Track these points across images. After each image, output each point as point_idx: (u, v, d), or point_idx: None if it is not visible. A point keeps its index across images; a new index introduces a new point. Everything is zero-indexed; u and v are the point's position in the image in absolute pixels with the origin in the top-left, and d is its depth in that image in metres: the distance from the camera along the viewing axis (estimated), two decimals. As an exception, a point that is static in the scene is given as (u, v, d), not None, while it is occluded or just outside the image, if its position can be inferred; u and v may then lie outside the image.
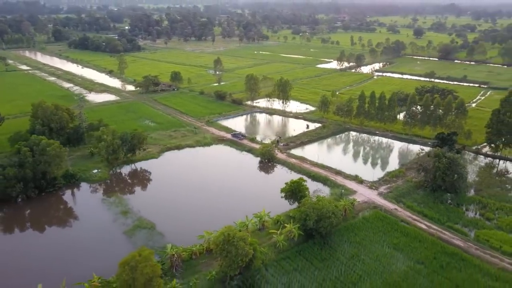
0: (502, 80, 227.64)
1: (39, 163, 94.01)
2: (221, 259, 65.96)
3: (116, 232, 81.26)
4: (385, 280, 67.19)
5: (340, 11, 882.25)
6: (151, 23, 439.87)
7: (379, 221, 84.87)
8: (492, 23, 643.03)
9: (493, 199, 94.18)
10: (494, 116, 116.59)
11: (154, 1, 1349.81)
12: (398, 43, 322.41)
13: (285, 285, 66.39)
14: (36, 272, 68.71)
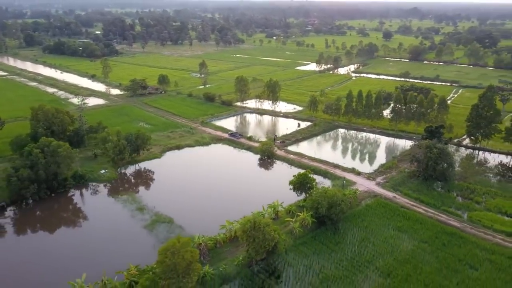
0: (471, 79, 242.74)
1: (51, 164, 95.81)
2: (247, 245, 70.91)
3: (136, 227, 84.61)
4: (396, 258, 74.05)
5: (309, 15, 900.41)
6: (125, 28, 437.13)
7: (381, 208, 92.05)
8: (454, 26, 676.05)
9: (479, 185, 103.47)
10: (473, 111, 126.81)
11: (121, 5, 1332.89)
12: (371, 46, 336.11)
13: (306, 266, 71.98)
14: (75, 263, 71.56)
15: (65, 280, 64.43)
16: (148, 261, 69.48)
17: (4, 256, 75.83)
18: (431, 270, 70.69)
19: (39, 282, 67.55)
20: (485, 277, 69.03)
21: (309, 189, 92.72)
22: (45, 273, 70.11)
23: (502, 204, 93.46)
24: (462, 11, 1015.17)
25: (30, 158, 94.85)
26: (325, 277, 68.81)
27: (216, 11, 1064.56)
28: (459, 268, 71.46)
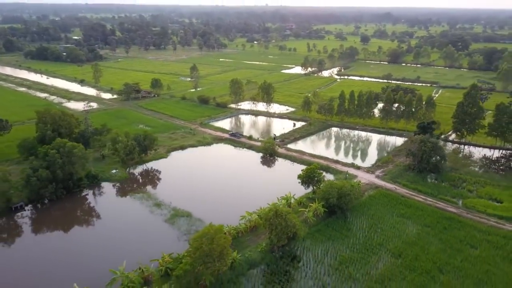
0: (448, 79, 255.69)
1: (67, 164, 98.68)
2: (269, 232, 76.42)
3: (158, 221, 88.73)
4: (404, 240, 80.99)
5: (286, 20, 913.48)
6: (106, 33, 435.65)
7: (384, 198, 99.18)
8: (426, 30, 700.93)
9: (469, 176, 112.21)
10: (459, 108, 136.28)
11: (95, 11, 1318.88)
12: (352, 49, 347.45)
13: (323, 251, 77.95)
14: (107, 254, 75.32)
15: (103, 268, 68.32)
16: (176, 250, 74.26)
17: (42, 251, 78.62)
18: (436, 250, 77.85)
19: (80, 271, 70.77)
20: (485, 255, 76.62)
21: (317, 182, 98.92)
22: (85, 262, 73.57)
23: (491, 192, 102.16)
24: (432, 16, 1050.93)
25: (47, 159, 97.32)
26: (342, 259, 74.86)
27: (192, 16, 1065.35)
28: (461, 247, 78.89)
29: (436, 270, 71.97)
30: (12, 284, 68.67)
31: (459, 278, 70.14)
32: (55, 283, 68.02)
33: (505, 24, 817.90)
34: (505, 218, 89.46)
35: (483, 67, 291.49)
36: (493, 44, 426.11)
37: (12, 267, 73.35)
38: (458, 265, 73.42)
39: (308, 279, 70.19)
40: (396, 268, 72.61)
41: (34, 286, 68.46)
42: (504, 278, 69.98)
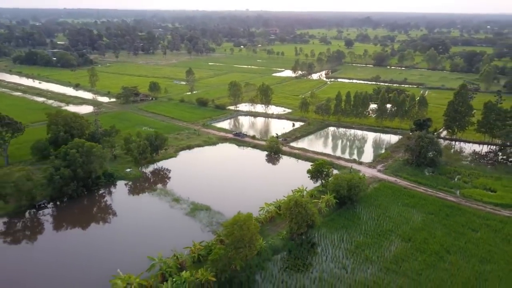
0: (433, 81, 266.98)
1: (86, 163, 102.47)
2: (289, 220, 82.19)
3: (179, 215, 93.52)
4: (411, 226, 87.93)
5: (269, 24, 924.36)
6: (93, 38, 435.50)
7: (388, 190, 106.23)
8: (406, 34, 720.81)
9: (463, 169, 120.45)
10: (450, 106, 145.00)
11: (74, 16, 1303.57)
12: (339, 53, 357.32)
13: (339, 237, 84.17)
14: (139, 244, 79.77)
15: (139, 256, 73.00)
16: (202, 239, 79.24)
17: (82, 242, 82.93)
18: (442, 234, 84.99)
19: (120, 259, 74.97)
20: (486, 237, 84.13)
21: (326, 176, 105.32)
22: (122, 251, 77.93)
23: (485, 182, 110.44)
24: (410, 20, 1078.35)
25: (67, 158, 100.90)
26: (357, 244, 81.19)
27: (174, 21, 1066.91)
28: (463, 231, 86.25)
29: (443, 251, 78.95)
30: (60, 272, 72.54)
31: (465, 258, 77.22)
32: (100, 270, 72.09)
33: (479, 28, 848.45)
34: (500, 205, 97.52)
35: (465, 69, 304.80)
36: (471, 47, 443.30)
37: (57, 258, 77.23)
38: (463, 246, 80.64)
39: (328, 262, 76.20)
40: (408, 251, 79.32)
41: (83, 271, 72.55)
42: (505, 256, 77.41)
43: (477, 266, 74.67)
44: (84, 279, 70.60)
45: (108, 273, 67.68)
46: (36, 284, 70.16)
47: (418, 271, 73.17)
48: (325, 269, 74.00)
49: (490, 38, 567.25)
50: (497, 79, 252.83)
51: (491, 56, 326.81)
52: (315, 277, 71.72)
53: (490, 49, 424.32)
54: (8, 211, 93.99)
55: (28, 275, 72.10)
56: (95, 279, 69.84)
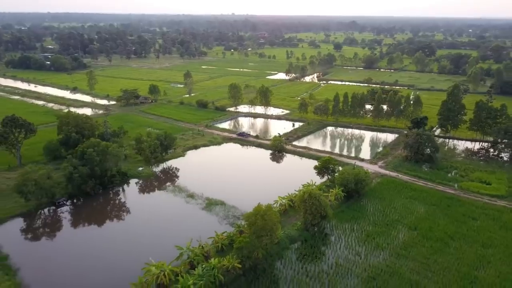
0: (422, 83, 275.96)
1: (102, 162, 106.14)
2: (304, 212, 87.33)
3: (196, 209, 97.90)
4: (416, 216, 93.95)
5: (256, 28, 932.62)
6: (85, 42, 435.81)
7: (391, 184, 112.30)
8: (392, 38, 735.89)
9: (458, 164, 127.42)
10: (443, 106, 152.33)
11: (59, 20, 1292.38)
12: (330, 56, 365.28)
13: (350, 227, 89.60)
14: (164, 236, 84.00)
15: (167, 246, 77.38)
16: (221, 231, 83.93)
17: (111, 236, 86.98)
18: (445, 223, 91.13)
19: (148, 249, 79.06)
20: (485, 225, 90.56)
21: (332, 171, 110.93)
22: (148, 242, 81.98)
23: (480, 176, 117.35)
24: (395, 24, 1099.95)
25: (85, 157, 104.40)
26: (368, 234, 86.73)
27: (162, 25, 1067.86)
28: (464, 220, 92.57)
29: (448, 238, 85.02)
30: (93, 262, 76.27)
31: (467, 243, 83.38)
32: (133, 258, 76.31)
33: (462, 32, 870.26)
34: (496, 196, 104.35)
35: (452, 71, 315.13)
36: (456, 50, 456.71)
37: (88, 250, 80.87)
38: (465, 233, 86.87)
39: (343, 249, 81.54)
40: (415, 238, 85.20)
41: (115, 261, 76.74)
42: (504, 241, 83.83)
43: (480, 250, 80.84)
44: (116, 268, 74.65)
45: (138, 262, 71.91)
46: (71, 274, 73.73)
47: (426, 255, 78.97)
48: (340, 256, 79.27)
49: (474, 41, 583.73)
50: (484, 80, 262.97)
51: (476, 59, 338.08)
52: (331, 263, 76.91)
53: (475, 52, 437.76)
54: (30, 209, 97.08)
55: (62, 268, 75.75)
56: (127, 268, 73.86)
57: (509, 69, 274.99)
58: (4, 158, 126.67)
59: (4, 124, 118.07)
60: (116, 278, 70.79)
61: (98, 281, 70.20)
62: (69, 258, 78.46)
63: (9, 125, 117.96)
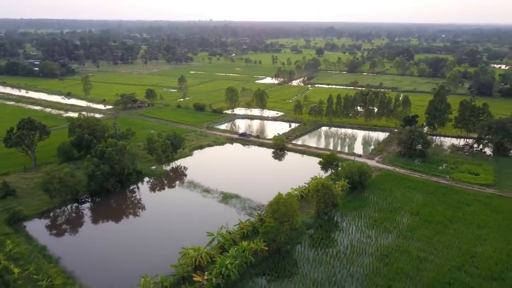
0: (404, 85, 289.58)
1: (121, 160, 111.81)
2: (317, 201, 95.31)
3: (214, 202, 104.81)
4: (416, 204, 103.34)
5: (237, 34, 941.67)
6: (70, 48, 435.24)
7: (389, 176, 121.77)
8: (370, 43, 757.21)
9: (447, 158, 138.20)
10: (431, 105, 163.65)
11: (35, 26, 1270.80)
12: (315, 61, 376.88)
13: (358, 214, 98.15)
14: (191, 225, 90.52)
15: (196, 233, 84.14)
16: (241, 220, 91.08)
17: (142, 226, 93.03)
18: (442, 208, 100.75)
19: (178, 237, 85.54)
20: (478, 209, 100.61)
21: (336, 166, 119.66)
22: (177, 231, 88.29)
23: (469, 168, 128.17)
24: (371, 30, 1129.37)
25: (105, 156, 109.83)
26: (374, 219, 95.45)
27: (141, 31, 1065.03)
28: (459, 205, 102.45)
29: (447, 221, 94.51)
30: (130, 249, 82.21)
31: (464, 225, 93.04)
32: (169, 245, 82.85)
33: (435, 37, 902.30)
34: (485, 185, 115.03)
35: (431, 74, 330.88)
36: (432, 54, 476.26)
37: (125, 239, 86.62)
38: (461, 217, 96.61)
39: (355, 233, 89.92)
40: (418, 222, 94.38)
41: (151, 247, 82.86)
42: (496, 223, 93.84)
43: (476, 231, 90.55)
44: (154, 254, 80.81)
45: (173, 248, 78.62)
46: (112, 261, 79.59)
47: (429, 236, 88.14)
48: (353, 238, 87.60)
49: (448, 46, 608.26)
50: (462, 82, 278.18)
51: (453, 62, 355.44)
52: (346, 245, 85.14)
53: (450, 56, 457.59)
54: (55, 205, 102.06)
55: (101, 256, 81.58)
56: (162, 254, 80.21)
57: (484, 71, 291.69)
58: (18, 160, 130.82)
59: (21, 126, 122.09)
60: (156, 262, 76.88)
61: (139, 265, 76.14)
62: (106, 247, 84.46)
63: (26, 128, 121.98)
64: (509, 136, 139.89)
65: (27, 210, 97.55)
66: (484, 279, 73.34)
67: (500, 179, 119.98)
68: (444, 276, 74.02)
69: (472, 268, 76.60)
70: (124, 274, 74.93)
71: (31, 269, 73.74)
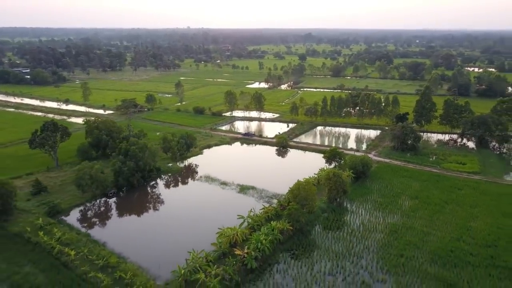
0: (388, 88, 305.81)
1: (143, 158, 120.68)
2: (328, 188, 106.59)
3: (233, 193, 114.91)
4: (414, 189, 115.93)
5: (218, 41, 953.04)
6: (57, 56, 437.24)
7: (387, 168, 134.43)
8: (349, 49, 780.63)
9: (436, 151, 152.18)
10: (418, 104, 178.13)
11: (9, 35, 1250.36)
12: (301, 66, 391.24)
13: (364, 200, 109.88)
14: (219, 211, 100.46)
15: (229, 215, 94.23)
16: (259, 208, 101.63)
17: (178, 213, 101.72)
18: (438, 193, 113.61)
19: (212, 220, 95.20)
20: (468, 192, 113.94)
21: (340, 159, 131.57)
22: (210, 215, 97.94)
23: (456, 159, 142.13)
24: (349, 36, 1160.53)
25: (129, 154, 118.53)
26: (379, 203, 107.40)
27: (122, 39, 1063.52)
28: (452, 190, 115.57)
29: (443, 203, 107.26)
30: (173, 231, 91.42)
31: (459, 206, 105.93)
32: (203, 227, 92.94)
33: (410, 42, 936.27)
34: (472, 173, 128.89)
35: (411, 77, 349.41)
36: (409, 59, 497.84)
37: (162, 225, 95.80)
38: (455, 199, 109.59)
39: (364, 215, 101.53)
40: (417, 204, 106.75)
41: (190, 229, 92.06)
42: (485, 203, 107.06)
43: (468, 210, 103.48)
44: (192, 235, 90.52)
45: (207, 230, 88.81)
46: (154, 243, 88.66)
47: (430, 215, 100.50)
48: (363, 219, 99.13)
49: (424, 51, 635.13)
50: (441, 84, 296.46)
51: (431, 66, 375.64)
52: (359, 224, 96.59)
53: (426, 60, 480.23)
54: (87, 199, 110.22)
55: (144, 239, 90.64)
56: (200, 234, 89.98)
57: (461, 74, 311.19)
58: (38, 161, 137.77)
59: (45, 128, 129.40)
60: (195, 241, 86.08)
61: (180, 245, 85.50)
62: (147, 232, 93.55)
63: (50, 129, 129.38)
64: (490, 130, 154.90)
65: (63, 204, 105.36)
66: (480, 247, 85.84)
67: (485, 167, 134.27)
68: (446, 245, 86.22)
69: (469, 239, 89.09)
70: (168, 253, 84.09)
71: (85, 251, 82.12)
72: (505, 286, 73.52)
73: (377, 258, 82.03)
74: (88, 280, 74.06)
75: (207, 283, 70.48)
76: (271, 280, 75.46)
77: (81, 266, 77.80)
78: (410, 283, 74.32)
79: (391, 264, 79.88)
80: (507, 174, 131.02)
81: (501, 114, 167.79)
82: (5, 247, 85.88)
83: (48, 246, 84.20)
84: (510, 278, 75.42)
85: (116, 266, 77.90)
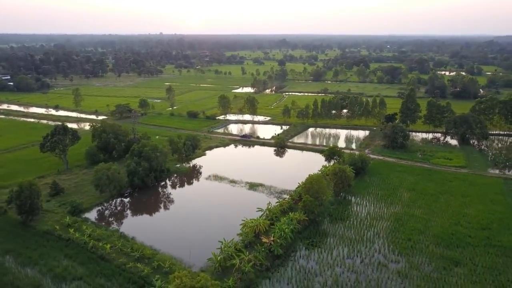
0: (369, 91, 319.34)
1: (155, 158, 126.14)
2: (334, 182, 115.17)
3: (244, 190, 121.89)
4: (410, 182, 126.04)
5: (194, 47, 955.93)
6: (36, 62, 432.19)
7: (382, 164, 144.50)
8: (324, 54, 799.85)
9: (424, 148, 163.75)
10: (403, 105, 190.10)
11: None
12: (283, 71, 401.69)
13: (366, 193, 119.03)
14: (233, 206, 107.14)
15: (248, 207, 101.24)
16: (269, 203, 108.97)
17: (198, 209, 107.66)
18: (432, 185, 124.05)
19: (231, 213, 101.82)
20: (459, 184, 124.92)
21: (338, 156, 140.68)
22: (231, 208, 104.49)
23: (443, 155, 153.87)
24: (322, 42, 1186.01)
25: (142, 155, 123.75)
26: (381, 195, 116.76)
27: (96, 45, 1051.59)
28: (444, 182, 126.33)
29: (438, 194, 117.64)
30: (201, 223, 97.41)
31: (452, 196, 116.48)
32: (225, 220, 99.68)
33: (382, 48, 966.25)
34: (459, 167, 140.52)
35: (389, 81, 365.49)
36: (384, 63, 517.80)
37: (185, 219, 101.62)
38: (448, 190, 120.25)
39: (369, 206, 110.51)
40: (415, 195, 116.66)
41: (215, 221, 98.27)
42: (474, 192, 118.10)
43: (461, 199, 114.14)
44: (217, 226, 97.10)
45: (229, 222, 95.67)
46: (182, 234, 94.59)
47: (427, 204, 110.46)
48: (369, 209, 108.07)
49: (396, 55, 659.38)
50: (418, 87, 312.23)
51: (407, 70, 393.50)
52: (365, 214, 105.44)
53: (400, 64, 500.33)
54: (105, 199, 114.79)
55: (171, 232, 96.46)
56: (223, 226, 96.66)
57: (436, 77, 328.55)
58: (47, 164, 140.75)
59: (56, 132, 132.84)
60: (220, 233, 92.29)
61: (207, 236, 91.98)
62: (172, 226, 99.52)
63: (61, 133, 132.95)
64: (471, 128, 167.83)
65: (84, 204, 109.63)
66: (477, 229, 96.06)
67: (469, 162, 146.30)
68: (447, 229, 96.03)
69: (466, 223, 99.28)
70: (196, 243, 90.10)
71: (118, 245, 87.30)
72: (502, 262, 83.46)
73: (387, 243, 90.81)
74: (128, 270, 79.38)
75: (242, 268, 77.26)
76: (296, 264, 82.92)
77: (118, 258, 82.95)
78: (420, 262, 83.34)
79: (401, 246, 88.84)
80: (490, 168, 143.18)
81: (479, 113, 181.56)
82: (38, 244, 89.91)
83: (82, 242, 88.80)
84: (506, 255, 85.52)
85: (151, 257, 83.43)
